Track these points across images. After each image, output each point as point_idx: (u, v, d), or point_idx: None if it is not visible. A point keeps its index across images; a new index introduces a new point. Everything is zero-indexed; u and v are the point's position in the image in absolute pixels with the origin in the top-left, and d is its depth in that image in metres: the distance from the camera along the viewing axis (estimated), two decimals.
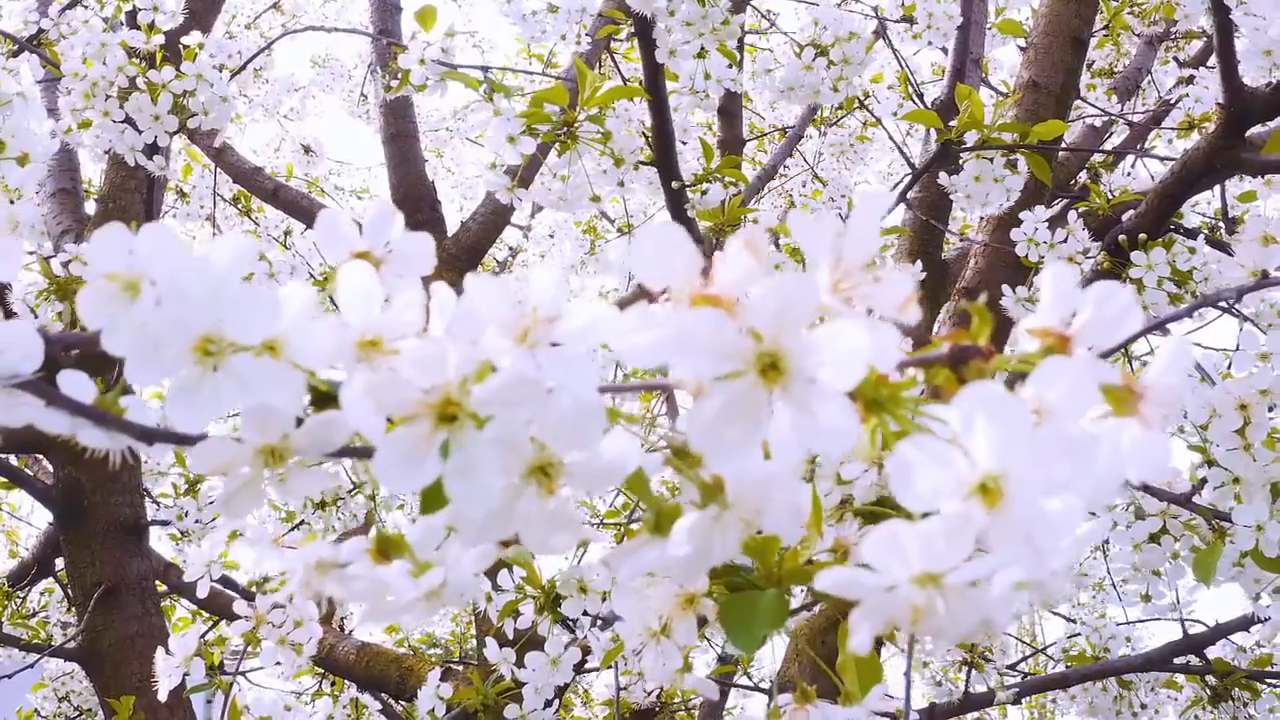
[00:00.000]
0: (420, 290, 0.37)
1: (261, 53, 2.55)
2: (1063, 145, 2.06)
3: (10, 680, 2.25)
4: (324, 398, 0.36)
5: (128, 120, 1.48)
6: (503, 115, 1.28)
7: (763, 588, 0.53)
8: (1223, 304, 1.27)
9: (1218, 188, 1.94)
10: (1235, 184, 2.20)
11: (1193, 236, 1.69)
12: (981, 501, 0.31)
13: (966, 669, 2.15)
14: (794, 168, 3.53)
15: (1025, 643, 2.93)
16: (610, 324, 0.34)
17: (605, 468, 0.34)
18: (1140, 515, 1.13)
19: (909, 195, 1.97)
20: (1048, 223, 1.65)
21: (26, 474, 2.22)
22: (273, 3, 4.17)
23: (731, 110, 2.93)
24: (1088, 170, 2.33)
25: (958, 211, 2.19)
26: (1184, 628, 1.87)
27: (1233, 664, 1.86)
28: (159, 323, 0.34)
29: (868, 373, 0.32)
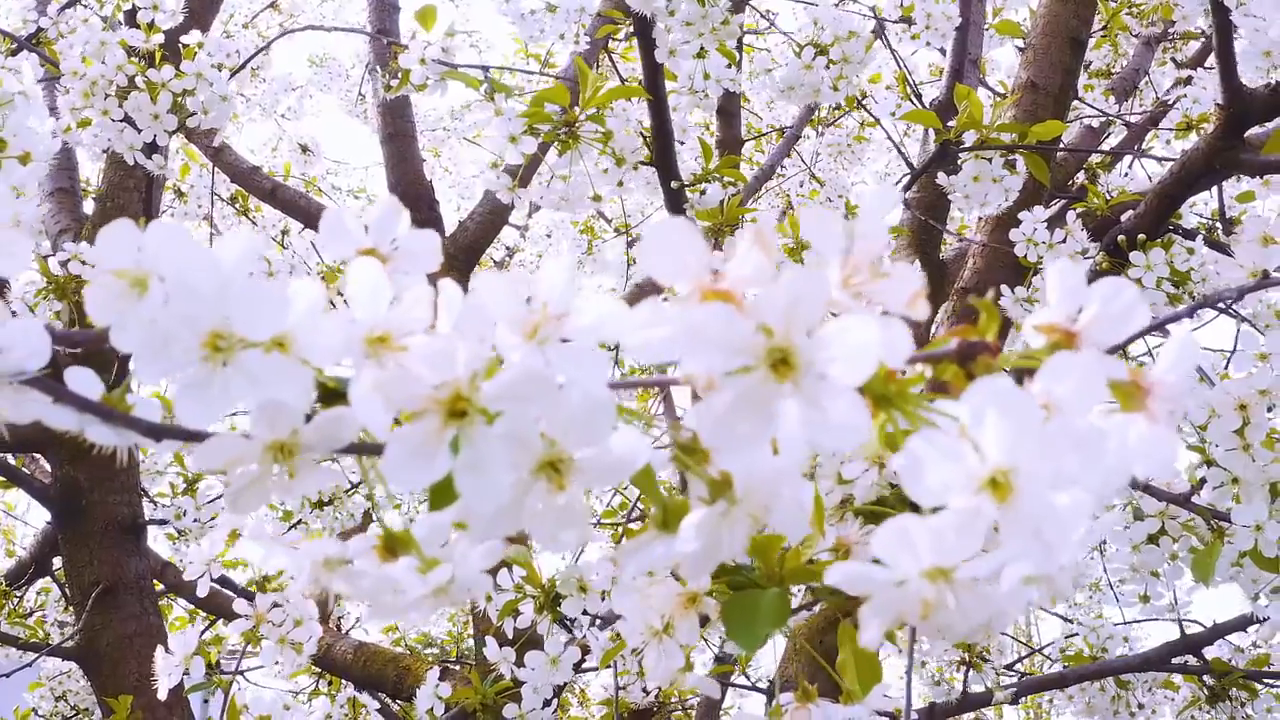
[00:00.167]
0: (428, 287, 0.37)
1: (260, 52, 2.54)
2: (1061, 146, 2.06)
3: (8, 679, 2.25)
4: (332, 394, 0.36)
5: (127, 119, 1.48)
6: (504, 115, 1.28)
7: (765, 587, 0.53)
8: (1221, 304, 1.27)
9: (1215, 188, 1.94)
10: (1233, 185, 2.21)
11: (1191, 237, 1.69)
12: (991, 496, 0.31)
13: (964, 669, 2.15)
14: (791, 168, 3.52)
15: (1022, 643, 2.93)
16: (620, 320, 0.34)
17: (614, 463, 0.34)
18: (1139, 516, 1.13)
19: (907, 195, 1.97)
20: (1046, 223, 1.65)
21: (24, 473, 2.22)
22: (270, 2, 4.16)
23: (730, 110, 2.92)
24: (1086, 171, 2.33)
25: (956, 212, 2.19)
26: (1181, 628, 1.87)
27: (1230, 664, 1.85)
28: (168, 319, 0.34)
29: (877, 368, 0.32)
